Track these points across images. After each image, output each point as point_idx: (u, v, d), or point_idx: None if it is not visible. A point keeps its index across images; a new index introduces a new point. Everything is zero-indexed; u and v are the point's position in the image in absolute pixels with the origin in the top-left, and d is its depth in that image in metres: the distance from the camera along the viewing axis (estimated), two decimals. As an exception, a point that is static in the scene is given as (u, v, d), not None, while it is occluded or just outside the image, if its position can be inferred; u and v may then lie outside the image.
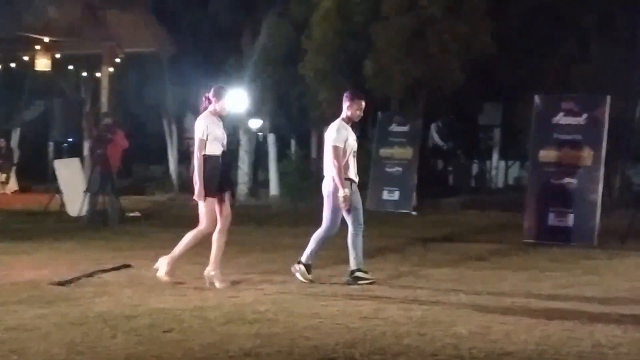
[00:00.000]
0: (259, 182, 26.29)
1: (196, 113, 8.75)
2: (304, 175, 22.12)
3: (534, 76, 21.79)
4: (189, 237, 8.29)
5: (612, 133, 13.84)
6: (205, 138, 8.11)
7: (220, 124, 8.33)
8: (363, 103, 8.77)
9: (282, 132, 26.27)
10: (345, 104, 8.70)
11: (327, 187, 8.60)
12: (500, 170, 31.09)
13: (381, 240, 12.63)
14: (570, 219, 13.04)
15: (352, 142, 8.66)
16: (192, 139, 9.18)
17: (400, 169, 19.68)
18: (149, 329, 6.17)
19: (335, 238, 8.80)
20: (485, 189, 28.54)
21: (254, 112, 23.33)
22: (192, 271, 8.74)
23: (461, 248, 12.16)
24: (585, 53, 22.23)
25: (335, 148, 8.48)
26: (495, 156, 30.88)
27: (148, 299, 7.43)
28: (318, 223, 8.71)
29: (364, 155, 21.06)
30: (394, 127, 20.07)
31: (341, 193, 8.41)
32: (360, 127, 27.69)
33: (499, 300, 7.77)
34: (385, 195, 19.58)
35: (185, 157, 26.33)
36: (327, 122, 7.86)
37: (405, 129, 19.99)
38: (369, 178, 19.58)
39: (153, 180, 26.74)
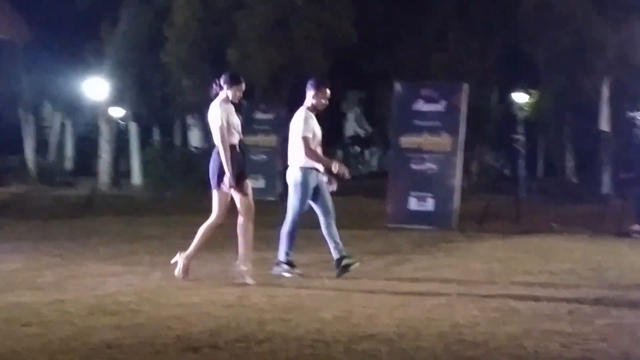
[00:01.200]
0: (120, 172, 25.75)
1: (54, 101, 8.41)
2: (168, 163, 21.84)
3: (395, 64, 22.20)
4: (202, 230, 7.94)
5: (470, 120, 14.25)
6: (225, 125, 7.75)
7: (233, 110, 7.97)
8: (328, 91, 8.57)
9: (144, 121, 25.82)
10: (310, 92, 8.48)
11: (293, 177, 8.39)
12: (363, 156, 31.56)
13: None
14: (430, 203, 13.37)
15: (318, 131, 8.51)
16: (50, 127, 8.80)
17: (264, 156, 19.68)
18: (6, 323, 5.94)
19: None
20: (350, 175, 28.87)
21: (115, 101, 22.84)
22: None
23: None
24: (443, 42, 22.81)
25: (305, 139, 8.29)
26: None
27: (4, 293, 7.16)
28: (185, 212, 8.60)
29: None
30: (258, 115, 20.04)
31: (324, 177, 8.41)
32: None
33: (362, 284, 7.86)
34: (250, 183, 19.49)
35: (43, 146, 25.53)
36: (191, 110, 7.78)
37: (269, 116, 20.00)
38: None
39: (9, 171, 25.80)
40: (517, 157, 16.72)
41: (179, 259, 7.95)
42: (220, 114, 7.73)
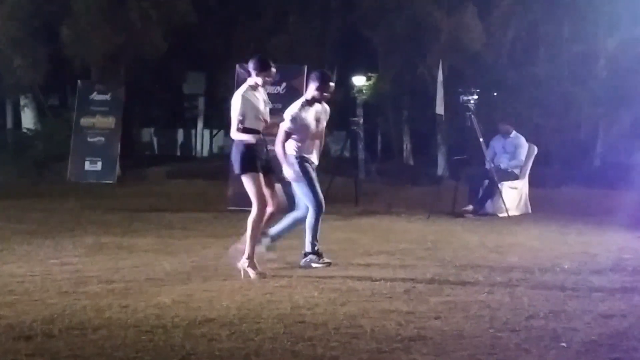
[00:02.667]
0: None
1: None
2: (-1, 146, 20.96)
3: (236, 45, 22.10)
4: (250, 225, 7.48)
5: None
6: (242, 117, 7.39)
7: (261, 97, 7.61)
8: (332, 85, 8.21)
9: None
10: (314, 84, 8.06)
11: (291, 170, 7.97)
12: (205, 138, 31.32)
13: (83, 212, 12.26)
14: (271, 186, 13.38)
15: (312, 122, 8.11)
16: None
17: (102, 138, 19.19)
18: None
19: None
20: (191, 158, 28.66)
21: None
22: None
23: (166, 217, 12.09)
24: (283, 24, 22.87)
25: (285, 132, 7.98)
26: (200, 125, 31.03)
27: None
28: (18, 196, 8.23)
29: (64, 124, 20.35)
30: (95, 96, 19.48)
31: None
32: (59, 96, 26.75)
33: (203, 268, 7.80)
34: (88, 165, 19.02)
35: None
36: (23, 90, 7.39)
37: (106, 97, 19.47)
38: (70, 148, 18.95)
39: None
40: (357, 139, 16.97)
41: (241, 266, 7.43)
42: (241, 106, 7.39)
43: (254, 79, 7.52)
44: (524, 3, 20.91)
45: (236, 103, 7.42)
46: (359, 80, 24.74)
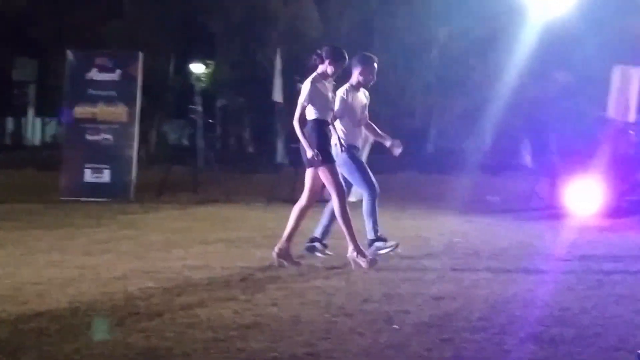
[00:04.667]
0: None
1: None
2: None
3: (68, 31, 21.40)
4: (340, 221, 7.26)
5: (147, 90, 14.09)
6: (307, 104, 7.06)
7: (330, 87, 7.24)
8: (376, 66, 7.92)
9: None
10: (357, 69, 7.81)
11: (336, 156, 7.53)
12: (36, 127, 30.22)
13: None
14: (106, 175, 13.09)
15: (359, 108, 7.90)
16: None
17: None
18: None
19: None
20: (22, 147, 27.61)
21: None
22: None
23: (-6, 209, 11.58)
24: (119, 9, 22.34)
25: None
26: (31, 113, 29.90)
27: None
28: None
29: None
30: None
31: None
32: None
33: (32, 260, 7.50)
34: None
35: None
36: None
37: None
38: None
39: None
40: (195, 127, 16.79)
41: (351, 257, 7.21)
42: (309, 93, 7.09)
43: (327, 67, 7.21)
44: (360, -7, 21.30)
45: (305, 89, 7.20)
46: (197, 68, 24.50)
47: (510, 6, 16.67)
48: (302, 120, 7.23)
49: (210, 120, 22.50)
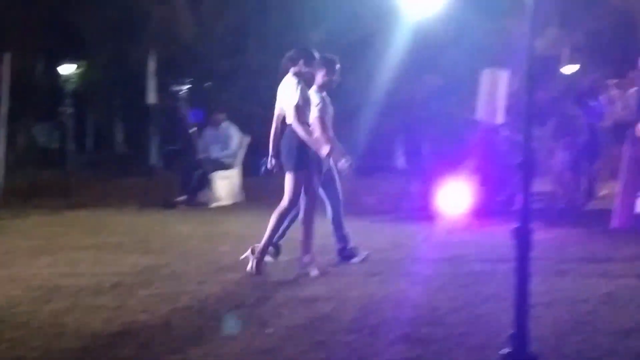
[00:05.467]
0: None
1: None
2: None
3: None
4: (302, 226, 7.25)
5: (14, 91, 13.62)
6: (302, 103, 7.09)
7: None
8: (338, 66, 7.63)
9: None
10: (322, 71, 7.58)
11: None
12: None
13: None
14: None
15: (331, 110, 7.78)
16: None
17: None
18: None
19: None
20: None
21: None
22: None
23: None
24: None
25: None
26: None
27: None
28: None
29: None
30: None
31: None
32: None
33: None
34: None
35: None
36: None
37: None
38: None
39: None
40: (66, 130, 16.35)
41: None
42: (301, 92, 7.12)
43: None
44: (234, -5, 21.22)
45: (294, 88, 7.18)
46: (67, 69, 23.84)
47: (383, 10, 16.93)
48: (283, 123, 7.31)
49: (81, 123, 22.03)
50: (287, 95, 7.22)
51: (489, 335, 5.00)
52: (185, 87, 12.66)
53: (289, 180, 7.23)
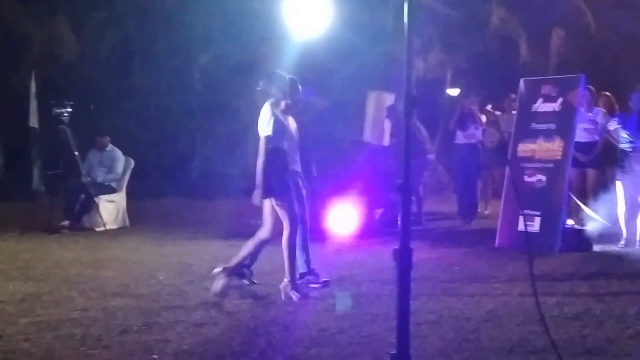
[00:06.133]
0: None
1: None
2: None
3: None
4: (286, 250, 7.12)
5: None
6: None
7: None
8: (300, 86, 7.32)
9: None
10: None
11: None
12: None
13: None
14: None
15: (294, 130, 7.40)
16: None
17: None
18: None
19: None
20: None
21: None
22: None
23: None
24: None
25: None
26: None
27: None
28: None
29: None
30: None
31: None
32: None
33: None
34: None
35: None
36: None
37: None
38: None
39: None
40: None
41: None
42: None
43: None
44: (118, 16, 20.90)
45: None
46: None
47: (270, 33, 17.01)
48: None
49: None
50: (261, 124, 7.17)
51: (375, 355, 5.04)
52: (67, 110, 12.37)
53: (278, 207, 7.16)
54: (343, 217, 11.36)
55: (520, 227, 10.05)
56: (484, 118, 13.60)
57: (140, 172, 14.56)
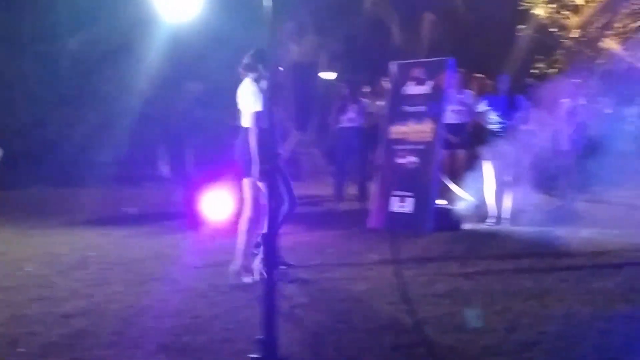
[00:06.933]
0: None
1: None
2: None
3: None
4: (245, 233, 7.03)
5: None
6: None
7: None
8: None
9: None
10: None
11: None
12: None
13: None
14: None
15: None
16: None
17: None
18: None
19: None
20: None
21: None
22: None
23: None
24: None
25: None
26: None
27: None
28: None
29: None
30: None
31: None
32: None
33: None
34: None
35: None
36: None
37: None
38: None
39: None
40: None
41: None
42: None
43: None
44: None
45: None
46: None
47: (141, 17, 16.68)
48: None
49: None
50: (246, 101, 7.01)
51: (249, 341, 5.00)
52: None
53: (247, 186, 7.05)
54: (219, 203, 11.28)
55: (393, 208, 10.23)
56: (362, 101, 13.79)
57: (8, 161, 14.07)
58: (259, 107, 6.90)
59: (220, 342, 5.05)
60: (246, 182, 7.08)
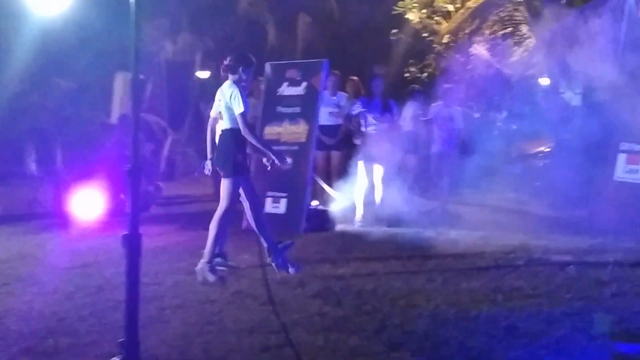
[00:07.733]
0: None
1: None
2: None
3: None
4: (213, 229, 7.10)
5: None
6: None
7: None
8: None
9: None
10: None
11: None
12: None
13: None
14: None
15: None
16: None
17: None
18: None
19: None
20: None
21: None
22: None
23: None
24: None
25: None
26: None
27: None
28: None
29: None
30: None
31: None
32: None
33: None
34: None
35: None
36: None
37: None
38: None
39: None
40: None
41: None
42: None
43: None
44: None
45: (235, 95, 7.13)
46: None
47: (10, 9, 16.13)
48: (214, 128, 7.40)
49: None
50: (229, 103, 7.11)
51: (115, 343, 4.90)
52: None
53: (225, 185, 7.12)
54: (89, 202, 11.02)
55: (266, 208, 10.21)
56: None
57: None
58: (242, 108, 7.06)
59: (85, 345, 4.93)
60: (225, 182, 7.17)
